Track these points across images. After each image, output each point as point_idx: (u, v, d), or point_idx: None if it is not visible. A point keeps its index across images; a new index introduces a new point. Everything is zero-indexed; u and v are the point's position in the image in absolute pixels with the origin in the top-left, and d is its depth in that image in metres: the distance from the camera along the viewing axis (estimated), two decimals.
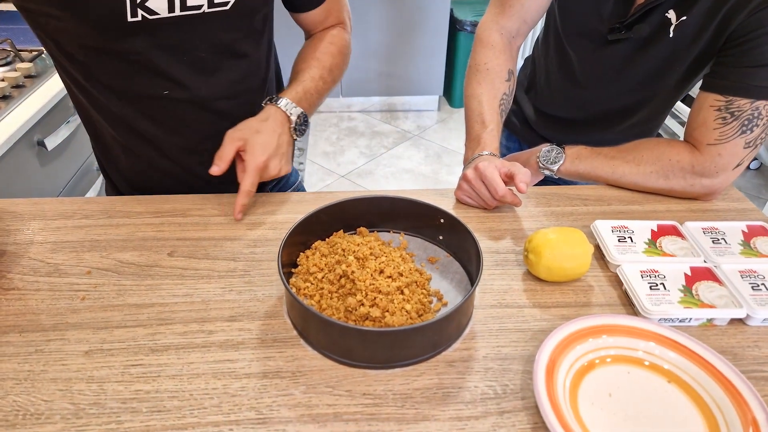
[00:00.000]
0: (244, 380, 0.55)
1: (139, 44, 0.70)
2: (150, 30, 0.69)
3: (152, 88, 0.75)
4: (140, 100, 0.76)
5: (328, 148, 2.85)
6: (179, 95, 0.77)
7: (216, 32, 0.75)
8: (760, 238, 0.73)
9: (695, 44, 0.83)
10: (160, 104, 0.77)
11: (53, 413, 0.51)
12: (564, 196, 0.87)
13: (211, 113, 0.81)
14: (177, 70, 0.75)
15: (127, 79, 0.73)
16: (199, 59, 0.75)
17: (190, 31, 0.72)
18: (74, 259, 0.70)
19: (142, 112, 0.78)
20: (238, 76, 0.82)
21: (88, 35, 0.68)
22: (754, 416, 0.49)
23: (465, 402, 0.54)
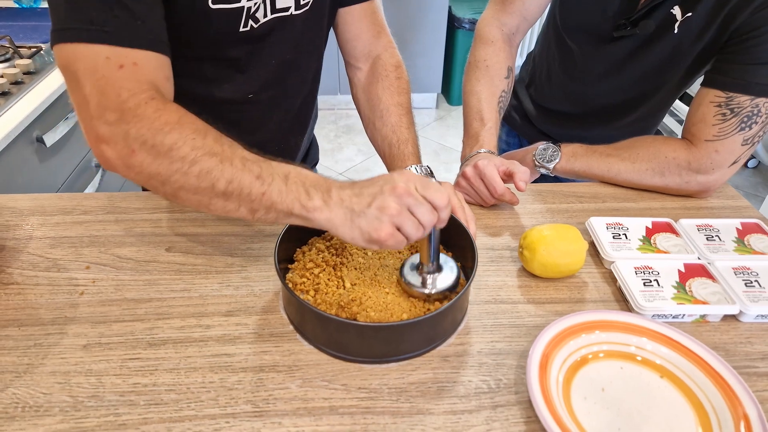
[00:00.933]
0: (240, 374, 0.56)
1: (240, 52, 0.71)
2: (252, 38, 0.70)
3: (239, 93, 0.76)
4: (223, 105, 0.77)
5: (326, 146, 2.86)
6: (262, 97, 0.78)
7: (301, 32, 0.76)
8: (755, 235, 0.73)
9: (699, 41, 0.83)
10: (241, 108, 0.78)
11: (52, 406, 0.52)
12: (559, 193, 0.87)
13: (282, 112, 0.84)
14: (265, 74, 0.76)
15: (217, 86, 0.74)
16: (284, 61, 0.77)
17: (281, 34, 0.73)
18: (73, 255, 0.71)
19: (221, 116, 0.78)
20: (310, 75, 0.85)
21: (198, 46, 0.68)
22: (745, 412, 0.49)
23: (459, 396, 0.54)
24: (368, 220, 0.52)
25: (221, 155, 0.53)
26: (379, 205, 0.52)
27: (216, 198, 0.54)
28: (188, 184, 0.53)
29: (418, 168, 0.77)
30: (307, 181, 0.54)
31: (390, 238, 0.52)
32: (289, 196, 0.53)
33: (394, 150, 0.80)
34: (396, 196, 0.52)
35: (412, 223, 0.52)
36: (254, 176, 0.53)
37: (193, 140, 0.53)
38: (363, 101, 0.87)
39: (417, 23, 2.89)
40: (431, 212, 0.53)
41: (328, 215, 0.53)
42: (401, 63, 0.88)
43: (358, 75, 0.89)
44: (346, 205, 0.53)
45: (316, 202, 0.53)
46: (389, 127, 0.81)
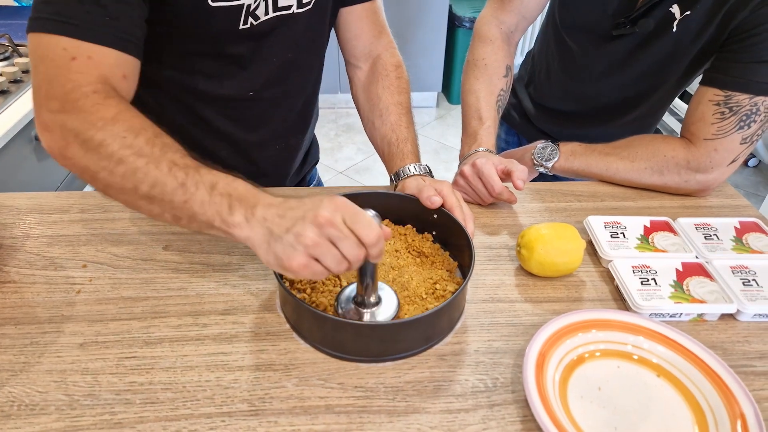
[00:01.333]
0: (237, 373, 0.55)
1: (242, 49, 0.71)
2: (253, 35, 0.70)
3: (241, 90, 0.76)
4: (226, 102, 0.77)
5: (326, 145, 2.85)
6: (265, 95, 0.79)
7: (303, 31, 0.76)
8: (753, 234, 0.73)
9: (698, 39, 0.83)
10: (244, 105, 0.79)
11: (48, 404, 0.52)
12: (558, 192, 0.87)
13: (284, 111, 0.84)
14: (267, 71, 0.76)
15: (219, 82, 0.74)
16: (286, 59, 0.77)
17: (283, 32, 0.73)
18: (70, 253, 0.71)
19: (224, 114, 0.79)
20: (312, 75, 0.85)
21: (200, 43, 0.69)
22: (742, 411, 0.49)
23: (456, 395, 0.54)
24: (283, 247, 0.49)
25: (149, 157, 0.52)
26: (297, 231, 0.48)
27: (141, 200, 0.53)
28: (114, 182, 0.53)
29: (417, 167, 0.77)
30: (234, 194, 0.52)
31: (303, 269, 0.49)
32: (211, 209, 0.51)
33: (393, 149, 0.80)
34: (316, 225, 0.48)
35: (332, 256, 0.49)
36: (178, 183, 0.52)
37: (123, 138, 0.52)
38: (363, 100, 0.87)
39: (417, 22, 2.89)
40: (357, 247, 0.49)
41: (248, 233, 0.51)
42: (401, 63, 0.88)
43: (358, 74, 0.89)
44: (267, 225, 0.50)
45: (236, 218, 0.51)
46: (388, 126, 0.81)
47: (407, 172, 0.76)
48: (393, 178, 0.78)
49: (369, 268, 0.54)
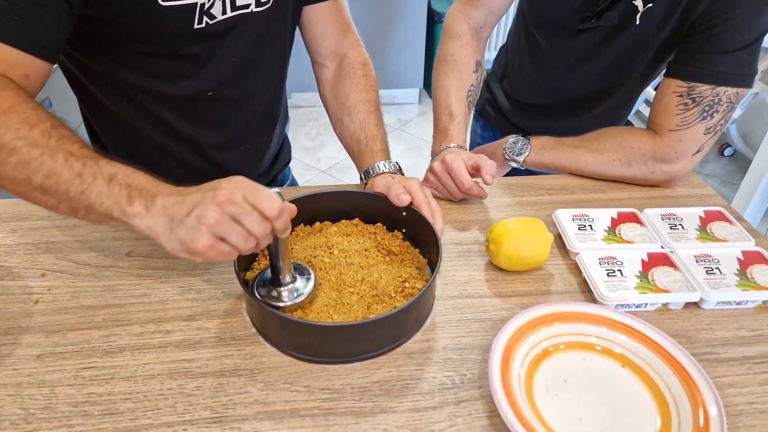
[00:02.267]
0: (200, 379, 0.54)
1: (197, 49, 0.70)
2: (209, 34, 0.69)
3: (199, 90, 0.75)
4: (184, 102, 0.76)
5: (308, 143, 2.83)
6: (224, 95, 0.77)
7: (263, 30, 0.75)
8: (717, 222, 0.74)
9: (661, 31, 0.83)
10: (203, 106, 0.77)
11: (2, 419, 0.50)
12: (528, 186, 0.87)
13: (246, 111, 0.82)
14: (225, 71, 0.75)
15: (175, 83, 0.73)
16: (245, 58, 0.76)
17: (241, 31, 0.72)
18: (28, 262, 0.69)
19: (183, 114, 0.77)
20: (275, 75, 0.84)
21: (153, 44, 0.67)
22: (703, 399, 0.50)
23: (423, 393, 0.54)
24: (186, 230, 0.48)
25: (44, 148, 0.51)
26: (198, 213, 0.48)
27: (35, 191, 0.52)
28: (6, 174, 0.51)
29: (387, 164, 0.76)
30: (133, 185, 0.51)
31: (209, 249, 0.48)
32: (109, 199, 0.50)
33: (362, 146, 0.79)
34: (216, 204, 0.48)
35: (237, 233, 0.49)
36: (75, 173, 0.51)
37: (17, 130, 0.51)
38: (330, 99, 0.86)
39: (397, 19, 2.88)
40: (261, 221, 0.49)
41: (149, 223, 0.50)
42: (368, 61, 0.87)
43: (325, 73, 0.88)
44: (168, 213, 0.50)
45: (136, 209, 0.50)
46: (357, 124, 0.80)
47: (376, 170, 0.75)
48: (362, 177, 0.77)
49: (277, 244, 0.54)
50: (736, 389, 0.54)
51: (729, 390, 0.53)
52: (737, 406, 0.52)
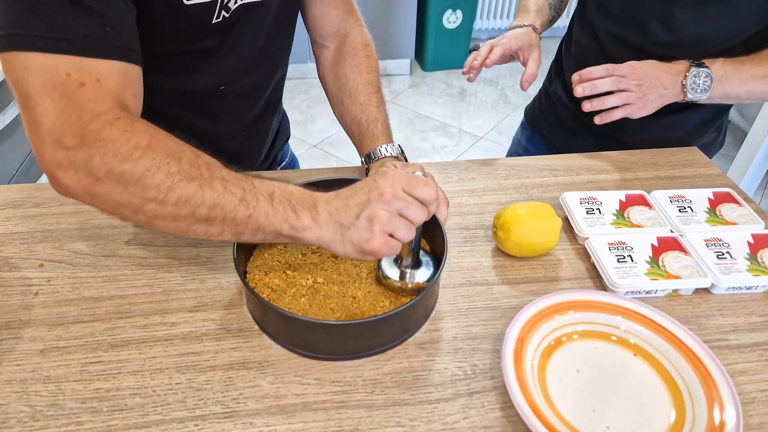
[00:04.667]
0: (209, 373, 0.54)
1: (211, 42, 0.67)
2: (225, 27, 0.66)
3: (210, 85, 0.72)
4: (193, 97, 0.73)
5: (299, 117, 2.78)
6: (233, 88, 0.74)
7: (273, 18, 0.72)
8: (726, 204, 0.73)
9: None
10: (212, 99, 0.74)
11: (9, 417, 0.49)
12: (533, 167, 0.86)
13: (254, 100, 0.80)
14: (238, 63, 0.72)
15: (187, 79, 0.70)
16: (258, 48, 0.73)
17: (251, 20, 0.69)
18: (25, 252, 0.67)
19: (191, 108, 0.74)
20: (282, 60, 0.81)
21: (170, 43, 0.63)
22: (718, 388, 0.50)
23: (435, 384, 0.53)
24: (359, 233, 0.50)
25: (200, 179, 0.50)
26: (368, 215, 0.50)
27: (197, 224, 0.51)
28: (165, 212, 0.49)
29: (390, 148, 0.74)
30: (293, 199, 0.52)
31: (383, 247, 0.50)
32: (276, 218, 0.51)
33: (363, 129, 0.77)
34: (384, 202, 0.50)
35: (404, 226, 0.51)
36: (238, 199, 0.50)
37: (168, 165, 0.49)
38: (330, 80, 0.83)
39: None
40: (422, 210, 0.51)
41: (319, 233, 0.51)
42: (370, 41, 0.84)
43: (325, 54, 0.85)
44: (334, 219, 0.51)
45: (305, 221, 0.51)
46: (358, 106, 0.78)
47: (379, 154, 0.73)
48: (364, 160, 0.75)
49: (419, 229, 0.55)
50: (748, 376, 0.54)
51: (741, 377, 0.54)
52: (749, 393, 0.52)
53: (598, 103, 0.80)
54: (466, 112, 2.87)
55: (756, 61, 0.79)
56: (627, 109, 0.80)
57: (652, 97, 0.80)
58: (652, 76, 0.79)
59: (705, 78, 0.78)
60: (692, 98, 0.80)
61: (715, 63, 0.79)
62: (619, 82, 0.78)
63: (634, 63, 0.79)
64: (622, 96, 0.79)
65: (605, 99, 0.80)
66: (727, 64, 0.80)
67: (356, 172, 0.81)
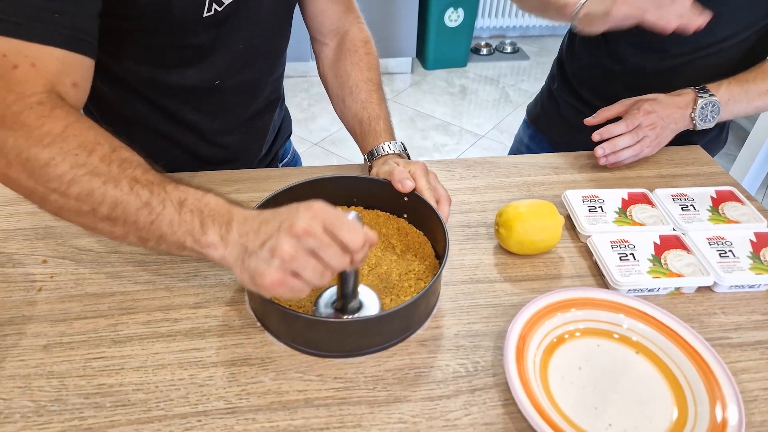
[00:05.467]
0: (211, 369, 0.54)
1: (203, 38, 0.67)
2: (217, 22, 0.66)
3: (204, 80, 0.72)
4: (187, 92, 0.73)
5: (299, 115, 2.78)
6: (228, 83, 0.74)
7: (268, 13, 0.72)
8: (729, 203, 0.73)
9: None
10: (207, 93, 0.75)
11: (12, 412, 0.50)
12: (535, 165, 0.86)
13: (250, 97, 0.80)
14: (232, 59, 0.72)
15: (180, 74, 0.70)
16: (252, 44, 0.73)
17: (246, 15, 0.69)
18: (28, 248, 0.67)
19: (187, 103, 0.75)
20: (279, 57, 0.81)
21: (159, 35, 0.64)
22: (720, 387, 0.50)
23: (436, 381, 0.53)
24: (257, 263, 0.45)
25: (106, 176, 0.47)
26: (271, 246, 0.44)
27: (101, 222, 0.48)
28: (68, 205, 0.48)
29: (392, 145, 0.74)
30: (206, 210, 0.48)
31: (279, 287, 0.44)
32: (181, 228, 0.47)
33: (364, 127, 0.77)
34: (292, 236, 0.44)
35: (313, 269, 0.44)
36: (142, 202, 0.47)
37: (76, 156, 0.47)
38: (331, 78, 0.84)
39: None
40: (341, 255, 0.45)
41: (223, 253, 0.47)
42: (370, 38, 0.84)
43: (325, 51, 0.85)
44: (242, 242, 0.46)
45: (210, 238, 0.47)
46: (359, 104, 0.78)
47: (381, 151, 0.73)
48: (367, 158, 0.75)
49: (351, 274, 0.51)
50: (750, 375, 0.54)
51: (743, 375, 0.54)
52: (752, 392, 0.52)
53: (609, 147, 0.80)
54: (467, 111, 2.87)
55: (760, 77, 0.80)
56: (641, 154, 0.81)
57: (665, 135, 0.81)
58: (665, 115, 0.80)
59: (712, 108, 0.80)
60: (701, 127, 0.81)
61: (720, 87, 0.80)
62: (637, 137, 0.79)
63: (647, 107, 0.79)
64: (636, 148, 0.80)
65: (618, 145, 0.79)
66: (732, 85, 0.80)
67: (359, 170, 0.81)
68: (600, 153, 0.80)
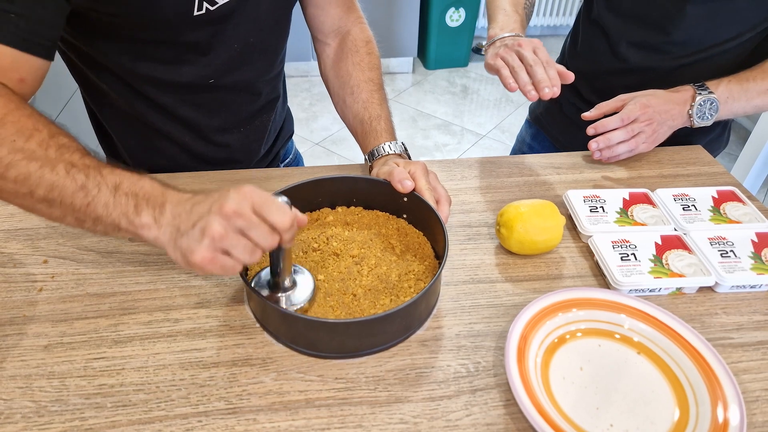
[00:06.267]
0: (212, 369, 0.54)
1: (199, 36, 0.67)
2: (210, 21, 0.66)
3: (201, 77, 0.72)
4: (185, 89, 0.74)
5: (301, 115, 2.78)
6: (224, 82, 0.75)
7: (266, 12, 0.72)
8: (730, 203, 0.73)
9: None
10: (203, 91, 0.75)
11: (13, 412, 0.50)
12: (537, 165, 0.86)
13: (249, 95, 0.80)
14: (228, 57, 0.72)
15: (176, 70, 0.70)
16: (249, 44, 0.73)
17: (243, 15, 0.69)
18: (29, 248, 0.67)
19: (184, 100, 0.75)
20: (277, 56, 0.81)
21: (151, 31, 0.64)
22: (722, 388, 0.50)
23: (438, 382, 0.53)
24: (188, 242, 0.47)
25: (43, 160, 0.49)
26: (202, 225, 0.46)
27: (39, 204, 0.51)
28: (6, 188, 0.50)
29: (393, 145, 0.74)
30: (140, 193, 0.50)
31: (209, 264, 0.46)
32: (116, 210, 0.49)
33: (366, 127, 0.77)
34: (222, 216, 0.46)
35: (243, 247, 0.47)
36: (78, 186, 0.49)
37: (13, 142, 0.49)
38: (332, 78, 0.84)
39: None
40: (270, 234, 0.47)
41: (156, 234, 0.49)
42: (372, 38, 0.84)
43: (326, 51, 0.85)
44: (174, 223, 0.48)
45: (143, 219, 0.49)
46: (360, 104, 0.78)
47: (382, 151, 0.73)
48: (367, 158, 0.75)
49: (281, 253, 0.53)
50: (752, 375, 0.54)
51: (744, 376, 0.54)
52: (753, 392, 0.52)
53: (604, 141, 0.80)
54: (469, 111, 2.86)
55: (760, 76, 0.80)
56: (636, 150, 0.80)
57: (661, 131, 0.81)
58: (662, 110, 0.80)
59: (711, 105, 0.79)
60: (699, 125, 0.80)
61: (719, 85, 0.80)
62: (632, 132, 0.79)
63: (644, 101, 0.79)
64: (631, 143, 0.80)
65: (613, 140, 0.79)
66: (732, 84, 0.80)
67: (360, 170, 0.81)
68: (594, 147, 0.80)
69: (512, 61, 0.75)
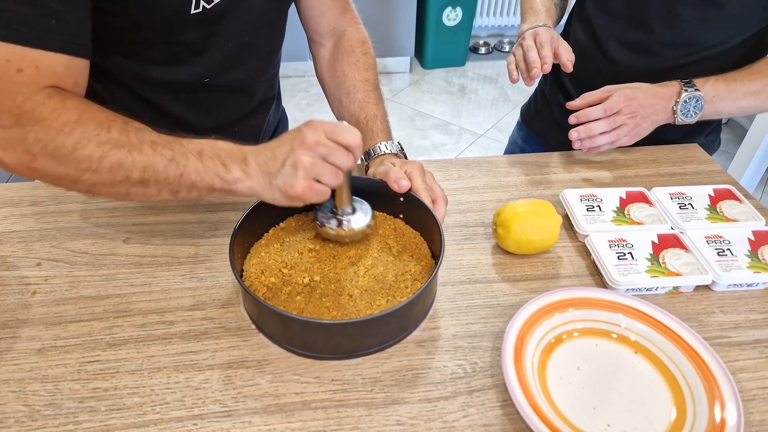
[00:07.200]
0: (207, 372, 0.53)
1: (193, 35, 0.67)
2: (206, 19, 0.66)
3: (195, 76, 0.72)
4: (178, 89, 0.73)
5: (298, 115, 2.78)
6: (218, 81, 0.75)
7: (258, 12, 0.72)
8: (727, 201, 0.73)
9: None
10: (197, 91, 0.75)
11: (6, 417, 0.49)
12: (533, 164, 0.86)
13: (243, 95, 0.80)
14: (222, 56, 0.72)
15: (169, 69, 0.70)
16: (243, 43, 0.73)
17: (238, 14, 0.69)
18: (23, 251, 0.66)
19: (178, 100, 0.75)
20: (272, 56, 0.82)
21: (147, 31, 0.64)
22: (719, 386, 0.49)
23: (434, 383, 0.53)
24: (284, 179, 0.52)
25: (129, 145, 0.53)
26: (292, 162, 0.52)
27: (134, 187, 0.54)
28: (101, 179, 0.53)
29: (389, 145, 0.73)
30: (223, 154, 0.54)
31: (308, 192, 0.52)
32: (207, 173, 0.53)
33: (362, 127, 0.77)
34: (307, 148, 0.51)
35: (329, 171, 0.53)
36: (167, 160, 0.53)
37: (98, 136, 0.52)
38: (328, 78, 0.83)
39: None
40: (347, 155, 0.53)
41: (249, 184, 0.53)
42: (367, 38, 0.84)
43: (322, 52, 0.84)
44: (263, 170, 0.53)
45: (235, 174, 0.53)
46: (356, 104, 0.77)
47: (378, 151, 0.73)
48: (363, 158, 0.75)
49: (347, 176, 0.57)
50: (749, 374, 0.54)
51: (741, 375, 0.53)
52: (750, 391, 0.52)
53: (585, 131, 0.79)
54: (466, 110, 2.86)
55: (748, 77, 0.79)
56: (617, 142, 0.80)
57: (644, 126, 0.80)
58: (647, 104, 0.79)
59: (695, 102, 0.79)
60: (682, 122, 0.80)
61: (706, 83, 0.79)
62: (614, 123, 0.78)
63: (629, 93, 0.78)
64: (612, 135, 0.79)
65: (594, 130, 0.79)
66: (719, 83, 0.79)
67: (356, 170, 0.81)
68: (575, 136, 0.79)
69: (517, 54, 0.79)
